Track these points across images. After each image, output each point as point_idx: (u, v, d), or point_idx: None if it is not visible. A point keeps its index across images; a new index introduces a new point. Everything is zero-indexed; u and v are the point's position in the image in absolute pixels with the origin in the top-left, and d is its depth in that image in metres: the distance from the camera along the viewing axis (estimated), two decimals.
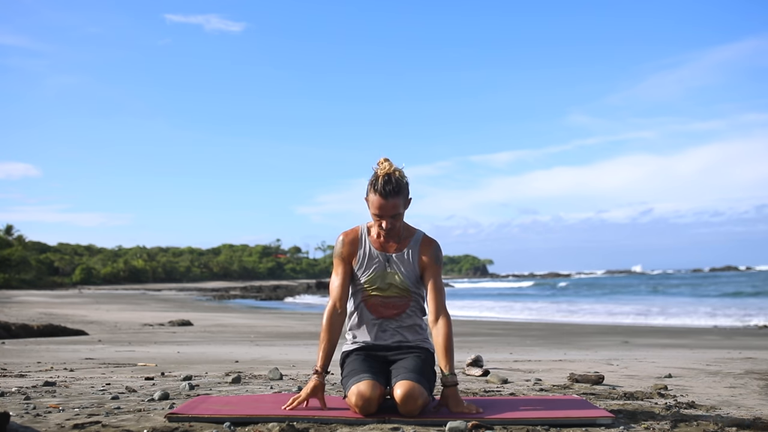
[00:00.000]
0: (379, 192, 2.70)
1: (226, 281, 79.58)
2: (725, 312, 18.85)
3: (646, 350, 7.41)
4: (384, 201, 2.69)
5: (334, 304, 2.79)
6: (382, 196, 2.69)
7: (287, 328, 12.66)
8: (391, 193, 2.69)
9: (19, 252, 58.15)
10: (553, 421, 2.56)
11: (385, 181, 2.69)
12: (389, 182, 2.69)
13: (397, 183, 2.70)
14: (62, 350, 7.01)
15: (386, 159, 2.78)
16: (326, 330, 2.75)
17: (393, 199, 2.70)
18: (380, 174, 2.72)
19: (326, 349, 2.73)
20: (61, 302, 24.65)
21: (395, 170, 2.73)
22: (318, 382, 2.67)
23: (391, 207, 2.70)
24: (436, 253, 2.83)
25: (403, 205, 2.75)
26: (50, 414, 2.70)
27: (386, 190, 2.68)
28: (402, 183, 2.73)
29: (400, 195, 2.71)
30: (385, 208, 2.70)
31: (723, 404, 3.16)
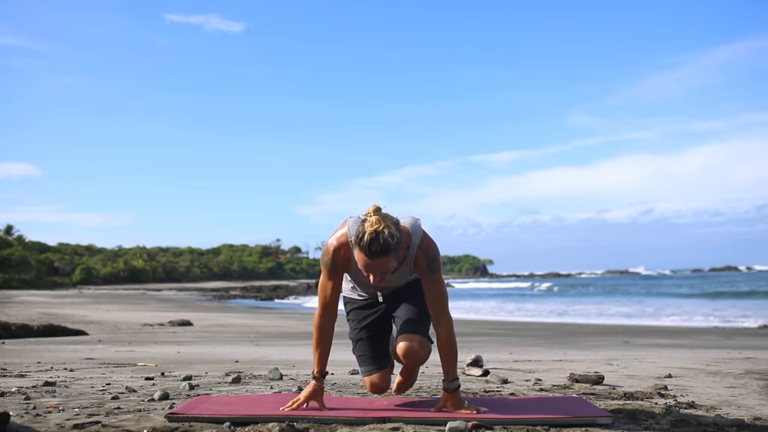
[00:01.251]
0: (363, 251, 2.42)
1: (226, 281, 79.56)
2: (720, 314, 18.82)
3: (646, 350, 7.41)
4: (369, 261, 2.43)
5: (323, 311, 2.72)
6: (367, 257, 2.42)
7: (287, 328, 12.66)
8: (378, 253, 2.40)
9: (19, 252, 58.14)
10: (553, 421, 2.56)
11: (371, 240, 2.39)
12: (375, 242, 2.39)
13: (384, 244, 2.39)
14: (62, 350, 7.01)
15: (376, 210, 2.48)
16: (318, 336, 2.72)
17: (380, 258, 2.42)
18: (367, 230, 2.41)
19: (321, 353, 2.72)
20: (61, 302, 24.64)
21: (384, 228, 2.41)
22: (317, 386, 2.68)
23: (377, 266, 2.44)
24: (430, 263, 2.64)
25: (394, 260, 2.47)
26: (50, 414, 2.70)
27: (372, 250, 2.40)
28: (390, 244, 2.40)
29: (389, 255, 2.42)
30: (372, 268, 2.45)
31: (723, 404, 3.16)
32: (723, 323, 15.45)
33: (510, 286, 57.61)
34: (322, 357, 2.72)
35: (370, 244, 2.40)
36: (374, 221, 2.43)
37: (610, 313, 20.52)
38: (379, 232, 2.40)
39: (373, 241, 2.40)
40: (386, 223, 2.43)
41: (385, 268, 2.46)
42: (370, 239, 2.40)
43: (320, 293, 2.73)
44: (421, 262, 2.65)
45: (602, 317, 18.48)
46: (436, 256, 2.66)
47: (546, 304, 27.24)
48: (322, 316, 2.72)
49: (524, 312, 22.43)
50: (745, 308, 21.05)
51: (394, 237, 2.42)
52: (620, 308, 22.88)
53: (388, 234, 2.41)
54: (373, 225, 2.42)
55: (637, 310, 21.76)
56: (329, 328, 2.73)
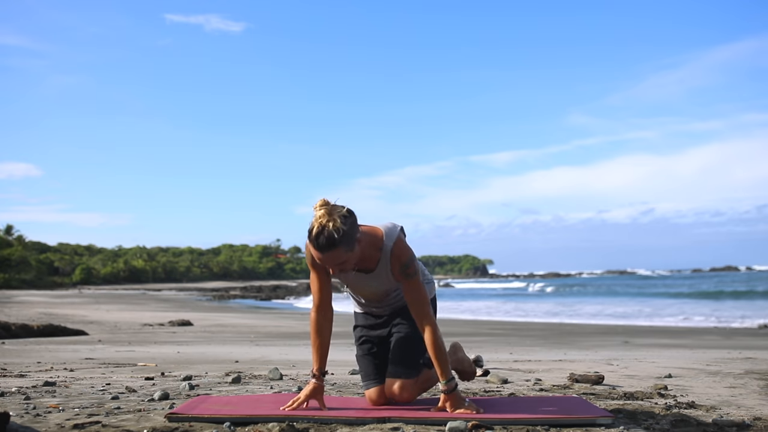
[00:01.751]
0: (312, 245, 2.46)
1: (226, 281, 79.54)
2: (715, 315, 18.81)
3: (646, 350, 7.41)
4: (320, 255, 2.47)
5: (316, 309, 2.75)
6: (317, 250, 2.46)
7: (287, 328, 12.66)
8: (325, 247, 2.43)
9: (19, 252, 58.12)
10: (553, 421, 2.56)
11: (317, 234, 2.43)
12: (321, 235, 2.42)
13: (329, 236, 2.41)
14: (62, 350, 7.01)
15: (323, 204, 2.48)
16: (315, 335, 2.76)
17: (329, 252, 2.45)
18: (314, 225, 2.44)
19: (320, 351, 2.74)
20: (61, 302, 24.64)
21: (329, 221, 2.42)
22: (317, 385, 2.69)
23: (329, 259, 2.47)
24: (404, 269, 2.64)
25: (346, 252, 2.48)
26: (50, 414, 2.70)
27: (318, 243, 2.44)
28: (335, 237, 2.41)
29: (337, 247, 2.43)
30: (324, 261, 2.49)
31: (723, 404, 3.16)
32: (723, 323, 15.44)
33: (508, 286, 57.57)
34: (320, 355, 2.74)
35: (316, 238, 2.44)
36: (319, 215, 2.45)
37: (607, 313, 20.51)
38: (324, 225, 2.43)
39: (319, 235, 2.43)
40: (332, 217, 2.44)
41: (337, 261, 2.48)
42: (316, 233, 2.44)
43: (312, 292, 2.79)
44: (395, 267, 2.67)
45: (602, 317, 18.48)
46: (410, 261, 2.66)
47: (545, 304, 27.23)
48: (314, 313, 2.77)
49: (524, 312, 22.43)
50: (745, 308, 21.06)
51: (340, 230, 2.43)
52: (618, 308, 22.86)
53: (333, 227, 2.42)
54: (318, 219, 2.45)
55: (635, 310, 21.75)
56: (322, 326, 2.75)
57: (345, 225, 2.46)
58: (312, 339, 2.76)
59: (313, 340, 2.75)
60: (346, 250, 2.48)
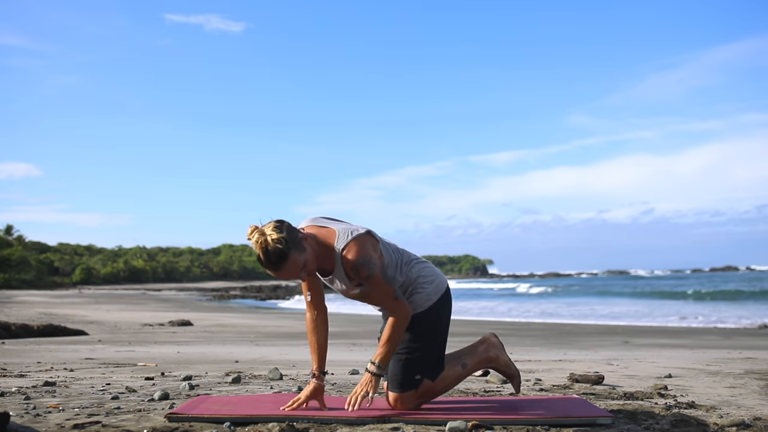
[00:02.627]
0: (267, 267, 2.48)
1: (226, 281, 79.55)
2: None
3: (646, 350, 7.41)
4: (278, 271, 2.48)
5: (309, 309, 2.80)
6: (274, 269, 2.47)
7: (287, 328, 12.66)
8: (278, 261, 2.45)
9: (19, 252, 58.13)
10: (553, 421, 2.56)
11: (265, 256, 2.44)
12: (268, 254, 2.43)
13: (275, 252, 2.43)
14: (62, 350, 7.01)
15: (252, 230, 2.47)
16: (310, 334, 2.78)
17: (285, 263, 2.46)
18: (257, 250, 2.45)
19: (317, 351, 2.76)
20: (61, 302, 24.65)
21: (266, 240, 2.43)
22: (317, 385, 2.70)
23: (290, 270, 2.49)
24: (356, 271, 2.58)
25: (301, 255, 2.49)
26: (50, 414, 2.70)
27: (272, 261, 2.45)
28: (280, 250, 2.43)
29: (289, 255, 2.45)
30: (287, 274, 2.50)
31: (723, 404, 3.16)
32: (723, 323, 15.44)
33: (503, 286, 57.57)
34: (318, 355, 2.75)
35: (267, 259, 2.44)
36: (254, 241, 2.45)
37: (603, 313, 20.51)
38: (265, 245, 2.43)
39: (268, 255, 2.44)
40: (265, 235, 2.44)
41: (298, 267, 2.49)
42: (264, 256, 2.44)
43: (303, 292, 2.83)
44: (348, 269, 2.60)
45: (602, 317, 18.48)
46: (358, 265, 2.57)
47: (544, 304, 27.24)
48: (308, 314, 2.81)
49: (524, 312, 22.44)
50: (745, 308, 21.06)
51: (280, 240, 2.43)
52: (614, 309, 22.85)
53: (272, 241, 2.43)
54: (256, 244, 2.45)
55: (632, 310, 21.75)
56: (314, 324, 2.77)
57: (281, 232, 2.45)
58: (309, 339, 2.78)
59: (310, 339, 2.77)
60: (299, 253, 2.48)
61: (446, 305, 2.84)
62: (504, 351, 2.95)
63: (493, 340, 2.95)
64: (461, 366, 2.84)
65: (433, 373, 2.77)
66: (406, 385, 2.72)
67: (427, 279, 2.79)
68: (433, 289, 2.79)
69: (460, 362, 2.85)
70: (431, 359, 2.77)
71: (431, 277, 2.81)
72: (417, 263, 2.81)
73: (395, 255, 2.76)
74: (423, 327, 2.75)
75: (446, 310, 2.83)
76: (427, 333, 2.76)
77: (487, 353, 2.91)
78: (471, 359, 2.88)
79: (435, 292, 2.79)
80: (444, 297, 2.82)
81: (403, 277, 2.75)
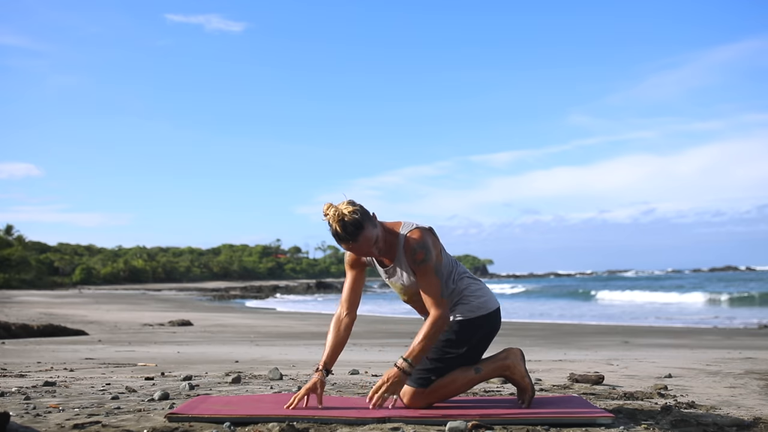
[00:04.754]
0: (343, 240, 2.57)
1: (226, 281, 79.52)
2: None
3: (646, 350, 7.41)
4: (353, 243, 2.58)
5: (339, 308, 2.87)
6: (350, 242, 2.57)
7: (287, 328, 12.66)
8: (354, 232, 2.55)
9: (19, 252, 58.14)
10: (553, 421, 2.56)
11: (342, 227, 2.55)
12: (346, 226, 2.54)
13: (353, 223, 2.54)
14: (62, 350, 7.01)
15: (329, 205, 2.59)
16: (330, 332, 2.84)
17: (360, 234, 2.57)
18: (333, 223, 2.55)
19: (330, 348, 2.81)
20: (61, 302, 24.65)
21: (342, 213, 2.55)
22: (317, 379, 2.73)
23: (364, 243, 2.59)
24: (412, 255, 2.68)
25: (374, 229, 2.61)
26: (50, 414, 2.70)
27: (348, 233, 2.55)
28: (357, 220, 2.54)
29: (364, 226, 2.56)
30: (360, 247, 2.60)
31: (723, 404, 3.16)
32: (723, 323, 15.44)
33: (504, 287, 57.81)
34: (328, 351, 2.80)
35: (344, 230, 2.54)
36: (331, 215, 2.56)
37: (609, 313, 20.52)
38: (341, 217, 2.54)
39: (345, 226, 2.54)
40: (339, 209, 2.56)
41: (371, 241, 2.59)
42: (341, 227, 2.54)
43: (342, 290, 2.91)
44: (407, 253, 2.70)
45: (602, 317, 18.48)
46: (417, 247, 2.67)
47: (544, 304, 27.23)
48: (336, 315, 2.87)
49: (523, 312, 22.43)
50: (745, 308, 21.05)
51: (356, 212, 2.55)
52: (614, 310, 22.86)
53: (349, 213, 2.54)
54: (332, 218, 2.55)
55: (630, 310, 21.76)
56: (338, 323, 2.84)
57: (355, 205, 2.59)
58: (328, 335, 2.85)
59: (328, 336, 2.84)
60: (372, 226, 2.61)
61: (488, 325, 2.84)
62: (523, 362, 2.91)
63: (515, 350, 2.94)
64: (474, 370, 2.83)
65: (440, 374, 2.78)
66: (417, 380, 2.74)
67: (474, 294, 2.85)
68: (478, 304, 2.83)
69: (475, 366, 2.84)
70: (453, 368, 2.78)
71: (479, 293, 2.86)
72: (469, 278, 2.87)
73: (452, 263, 2.85)
74: (458, 336, 2.78)
75: (487, 330, 2.83)
76: (459, 343, 2.78)
77: (504, 360, 2.89)
78: (487, 364, 2.86)
79: (479, 308, 2.83)
80: (488, 317, 2.84)
81: (453, 285, 2.82)
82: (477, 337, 2.82)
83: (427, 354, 2.72)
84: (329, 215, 2.56)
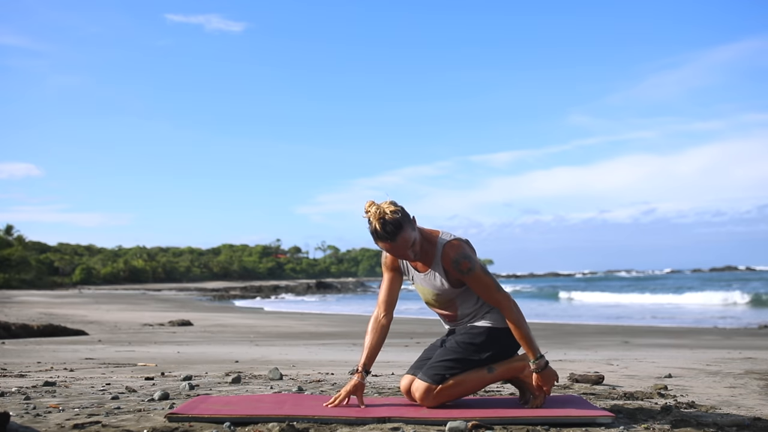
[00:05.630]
0: (381, 239, 2.63)
1: (226, 281, 79.53)
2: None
3: (646, 350, 7.41)
4: (393, 242, 2.63)
5: (377, 309, 2.91)
6: (388, 241, 2.63)
7: (287, 328, 12.67)
8: (394, 232, 2.61)
9: (19, 252, 58.15)
10: (553, 421, 2.56)
11: (382, 225, 2.61)
12: (386, 225, 2.60)
13: (393, 222, 2.60)
14: (62, 350, 7.01)
15: (371, 203, 2.66)
16: (368, 333, 2.89)
17: (400, 235, 2.62)
18: (373, 221, 2.62)
19: (368, 350, 2.85)
20: (61, 302, 24.65)
21: (384, 212, 2.62)
22: (357, 382, 2.77)
23: (403, 243, 2.64)
24: (456, 266, 2.72)
25: (413, 231, 2.67)
26: (50, 414, 2.70)
27: (387, 232, 2.61)
28: (397, 220, 2.61)
29: (404, 227, 2.62)
30: (399, 248, 2.66)
31: (723, 404, 3.16)
32: (723, 323, 15.44)
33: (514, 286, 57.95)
34: (366, 353, 2.85)
35: (384, 229, 2.60)
36: (373, 213, 2.62)
37: (608, 314, 20.53)
38: (382, 216, 2.60)
39: (385, 225, 2.60)
40: (382, 208, 2.62)
41: (409, 242, 2.65)
42: (381, 226, 2.60)
43: (379, 291, 2.96)
44: (447, 262, 2.75)
45: (602, 317, 18.48)
46: (459, 258, 2.73)
47: (546, 304, 27.24)
48: (373, 316, 2.92)
49: (523, 312, 22.42)
50: (745, 308, 21.06)
51: (397, 212, 2.61)
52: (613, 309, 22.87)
53: (390, 212, 2.60)
54: (374, 216, 2.62)
55: (632, 311, 21.77)
56: (376, 324, 2.88)
57: (397, 206, 2.65)
58: (366, 336, 2.89)
59: (366, 337, 2.88)
60: (411, 229, 2.66)
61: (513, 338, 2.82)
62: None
63: None
64: (487, 369, 2.83)
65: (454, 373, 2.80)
66: (431, 375, 2.75)
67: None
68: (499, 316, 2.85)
69: (488, 366, 2.84)
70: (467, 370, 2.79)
71: None
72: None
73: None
74: (484, 342, 2.80)
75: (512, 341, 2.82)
76: (483, 349, 2.79)
77: (518, 363, 2.89)
78: (500, 365, 2.86)
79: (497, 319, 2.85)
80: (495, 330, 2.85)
81: None
82: (502, 346, 2.83)
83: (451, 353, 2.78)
84: (370, 212, 2.63)
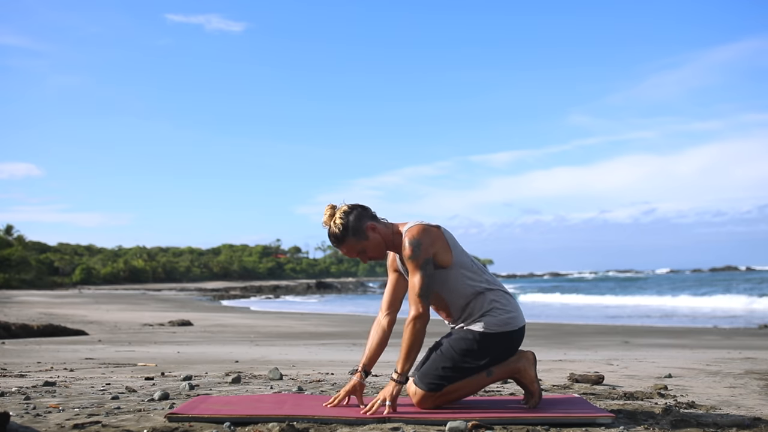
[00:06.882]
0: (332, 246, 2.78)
1: (226, 281, 79.51)
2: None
3: (646, 350, 7.41)
4: (342, 250, 2.76)
5: (381, 308, 2.93)
6: (337, 247, 2.78)
7: (287, 328, 12.66)
8: (335, 242, 2.75)
9: (19, 252, 58.15)
10: (553, 421, 2.56)
11: (327, 235, 2.77)
12: (329, 236, 2.76)
13: (333, 235, 2.72)
14: (62, 350, 7.01)
15: (329, 206, 2.77)
16: (370, 334, 2.91)
17: (341, 245, 2.75)
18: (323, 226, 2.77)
19: (370, 350, 2.88)
20: (61, 302, 24.65)
21: (331, 223, 2.73)
22: (357, 382, 2.79)
23: (347, 251, 2.75)
24: (404, 248, 2.68)
25: (359, 241, 2.72)
26: (50, 414, 2.70)
27: (331, 242, 2.77)
28: (339, 233, 2.71)
29: (346, 239, 2.71)
30: (345, 253, 2.78)
31: (723, 404, 3.17)
32: (723, 323, 15.44)
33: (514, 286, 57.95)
34: (367, 353, 2.87)
35: (328, 238, 2.76)
36: (323, 220, 2.75)
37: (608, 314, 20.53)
38: (328, 227, 2.74)
39: (328, 236, 2.76)
40: (332, 218, 2.73)
41: (355, 250, 2.74)
42: (327, 235, 2.77)
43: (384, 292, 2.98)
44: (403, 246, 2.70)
45: (602, 317, 18.48)
46: (407, 243, 2.66)
47: (545, 304, 27.24)
48: (377, 316, 2.93)
49: (523, 312, 22.42)
50: (744, 308, 21.06)
51: (340, 226, 2.71)
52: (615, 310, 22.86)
53: (334, 225, 2.72)
54: (324, 223, 2.76)
55: (632, 310, 21.77)
56: (378, 324, 2.89)
57: (345, 219, 2.71)
58: (369, 336, 2.91)
59: (369, 337, 2.90)
60: (357, 239, 2.71)
61: (511, 341, 2.79)
62: (534, 367, 2.87)
63: (528, 354, 2.89)
64: (486, 373, 2.80)
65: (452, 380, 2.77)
66: (424, 380, 2.74)
67: (504, 308, 2.79)
68: (506, 319, 2.77)
69: (486, 370, 2.80)
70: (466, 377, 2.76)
71: (509, 307, 2.81)
72: (501, 291, 2.81)
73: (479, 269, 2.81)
74: (479, 348, 2.74)
75: (508, 345, 2.79)
76: (479, 356, 2.74)
77: (516, 363, 2.85)
78: (498, 367, 2.82)
79: (506, 324, 2.76)
80: (512, 333, 2.78)
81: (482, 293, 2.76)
82: (497, 352, 2.78)
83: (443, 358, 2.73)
84: (323, 219, 2.75)
